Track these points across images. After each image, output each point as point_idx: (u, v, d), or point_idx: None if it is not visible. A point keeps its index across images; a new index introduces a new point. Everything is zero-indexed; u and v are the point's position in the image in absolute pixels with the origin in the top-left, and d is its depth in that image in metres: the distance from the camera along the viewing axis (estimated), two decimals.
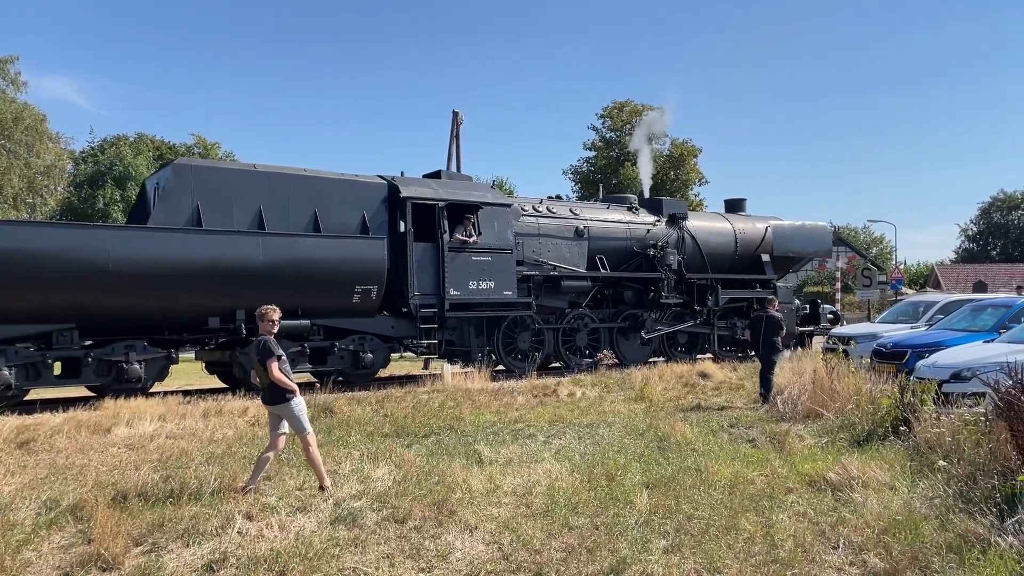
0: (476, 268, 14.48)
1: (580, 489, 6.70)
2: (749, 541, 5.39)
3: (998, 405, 6.45)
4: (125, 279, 11.19)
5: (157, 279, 11.44)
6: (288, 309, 12.04)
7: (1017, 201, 71.14)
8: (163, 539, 5.53)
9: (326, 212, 13.25)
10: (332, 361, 13.19)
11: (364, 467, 7.45)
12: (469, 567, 5.12)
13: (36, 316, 10.83)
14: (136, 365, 11.58)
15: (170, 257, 11.58)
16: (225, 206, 12.46)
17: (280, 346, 12.82)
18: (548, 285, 15.89)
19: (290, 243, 12.62)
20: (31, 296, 10.68)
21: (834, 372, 10.68)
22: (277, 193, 12.95)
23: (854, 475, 6.74)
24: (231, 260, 12.05)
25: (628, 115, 45.04)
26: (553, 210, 16.49)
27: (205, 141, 44.25)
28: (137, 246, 11.45)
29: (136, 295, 11.35)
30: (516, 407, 11.60)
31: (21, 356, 10.79)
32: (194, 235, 11.92)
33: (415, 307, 13.90)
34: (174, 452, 8.29)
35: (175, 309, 11.88)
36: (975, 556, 4.83)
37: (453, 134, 26.79)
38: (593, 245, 16.69)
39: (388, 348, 14.08)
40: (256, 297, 11.74)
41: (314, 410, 10.47)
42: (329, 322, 13.18)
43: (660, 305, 17.32)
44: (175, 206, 12.10)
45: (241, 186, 12.71)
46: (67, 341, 11.14)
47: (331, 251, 12.95)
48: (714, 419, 10.50)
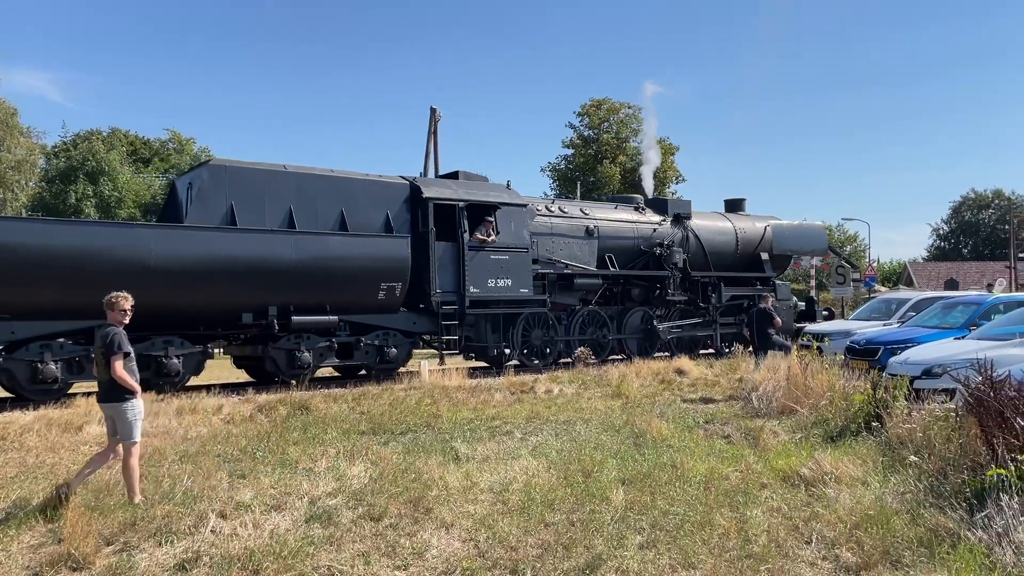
0: (494, 266, 15.02)
1: (556, 486, 6.72)
2: (723, 536, 5.43)
3: (968, 401, 6.55)
4: (165, 276, 11.60)
5: (195, 276, 11.86)
6: (317, 305, 13.09)
7: (987, 200, 72.23)
8: (135, 538, 5.47)
9: (352, 211, 13.68)
10: (358, 356, 13.70)
11: (340, 465, 7.41)
12: (445, 564, 5.12)
13: (80, 312, 11.01)
14: (175, 360, 11.96)
15: (208, 255, 12.02)
16: (257, 206, 12.89)
17: (309, 341, 13.01)
18: (561, 283, 16.38)
19: (320, 242, 13.08)
20: (76, 293, 10.86)
21: (808, 369, 10.79)
22: (306, 193, 13.38)
23: (827, 470, 6.81)
24: (265, 258, 12.49)
25: (606, 113, 45.18)
26: (565, 210, 17.07)
27: (180, 136, 43.84)
28: (177, 244, 11.87)
29: (175, 292, 11.72)
30: (493, 404, 11.60)
31: (66, 351, 11.18)
32: (231, 234, 12.37)
33: (437, 304, 14.36)
34: (147, 450, 8.18)
35: (211, 305, 12.26)
36: (945, 550, 4.90)
37: (431, 131, 26.73)
38: (603, 244, 17.21)
39: (410, 343, 14.54)
40: (288, 294, 12.72)
41: (290, 407, 10.42)
42: (355, 318, 13.60)
43: (666, 302, 17.91)
44: (210, 206, 12.52)
45: (272, 186, 13.13)
46: None
47: (358, 249, 13.41)
48: (690, 415, 10.57)
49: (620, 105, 45.26)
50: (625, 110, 45.23)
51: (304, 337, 13.11)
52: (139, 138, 44.91)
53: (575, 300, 16.68)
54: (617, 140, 44.49)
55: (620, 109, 45.23)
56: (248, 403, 10.80)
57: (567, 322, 16.44)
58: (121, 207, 31.96)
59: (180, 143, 43.23)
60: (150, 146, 44.58)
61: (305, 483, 6.75)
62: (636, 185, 43.08)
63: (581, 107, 46.02)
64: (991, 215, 71.70)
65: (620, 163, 43.30)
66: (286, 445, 8.27)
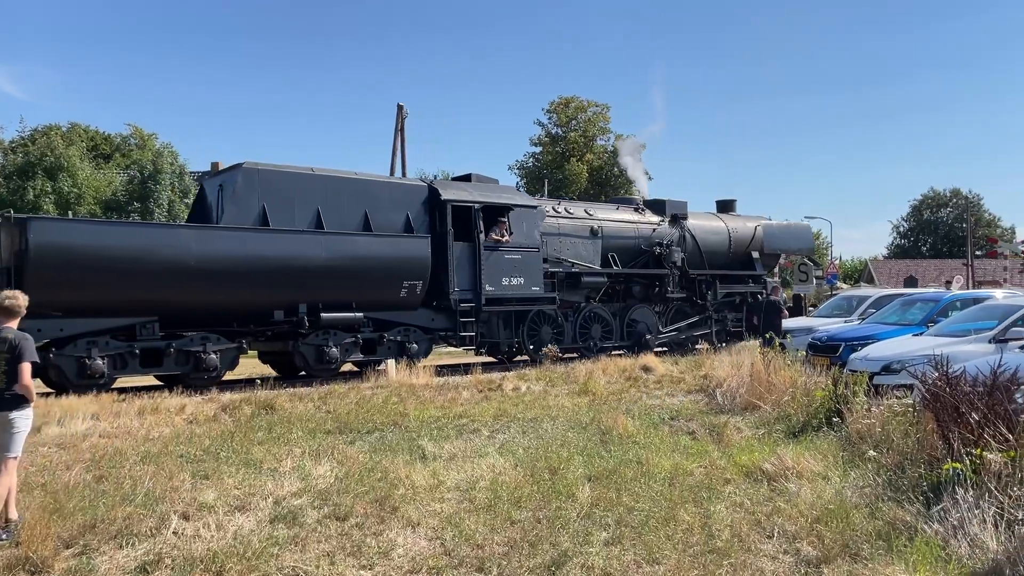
0: (508, 265, 15.66)
1: (523, 483, 6.74)
2: (687, 532, 5.49)
3: (925, 396, 6.68)
4: (204, 275, 12.09)
5: (232, 275, 12.37)
6: (343, 303, 13.67)
7: (945, 199, 73.75)
8: (95, 541, 5.38)
9: (375, 212, 14.24)
10: (381, 351, 14.23)
11: (305, 464, 7.35)
12: (411, 563, 5.11)
13: (125, 310, 11.71)
14: (213, 355, 12.46)
15: (244, 255, 12.53)
16: (287, 207, 13.41)
17: (336, 337, 13.52)
18: (570, 281, 16.99)
19: (348, 241, 13.66)
20: (121, 292, 11.53)
21: (771, 365, 10.94)
22: (332, 195, 13.92)
23: (789, 466, 6.91)
24: (297, 257, 13.04)
25: (573, 111, 45.30)
26: (571, 211, 17.81)
27: (142, 132, 42.98)
28: (216, 245, 12.40)
29: (213, 290, 12.25)
30: (461, 402, 11.58)
31: (112, 347, 11.69)
32: (265, 234, 12.94)
33: (455, 302, 14.93)
34: (108, 451, 8.05)
35: (246, 303, 12.78)
36: (902, 543, 5.00)
37: (398, 128, 26.61)
38: (606, 243, 17.93)
39: (429, 339, 15.10)
40: (317, 291, 13.30)
41: (255, 407, 10.32)
42: (378, 315, 14.19)
43: (666, 299, 18.74)
44: (244, 207, 13.02)
45: (301, 188, 13.67)
46: (149, 333, 12.02)
47: (383, 249, 14.02)
48: (655, 412, 10.65)
49: (588, 103, 45.45)
50: (593, 108, 45.42)
51: (331, 333, 13.63)
52: (99, 133, 43.99)
53: (581, 297, 17.39)
54: (585, 138, 44.65)
55: (588, 107, 45.41)
56: (212, 403, 10.67)
57: (573, 318, 17.12)
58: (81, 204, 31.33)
59: (142, 138, 42.38)
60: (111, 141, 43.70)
61: (270, 483, 6.69)
62: (603, 183, 43.34)
63: (550, 104, 46.12)
64: (949, 213, 73.23)
65: (587, 161, 43.48)
66: (250, 445, 8.18)
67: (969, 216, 55.31)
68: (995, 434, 5.68)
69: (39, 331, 11.05)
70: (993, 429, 5.73)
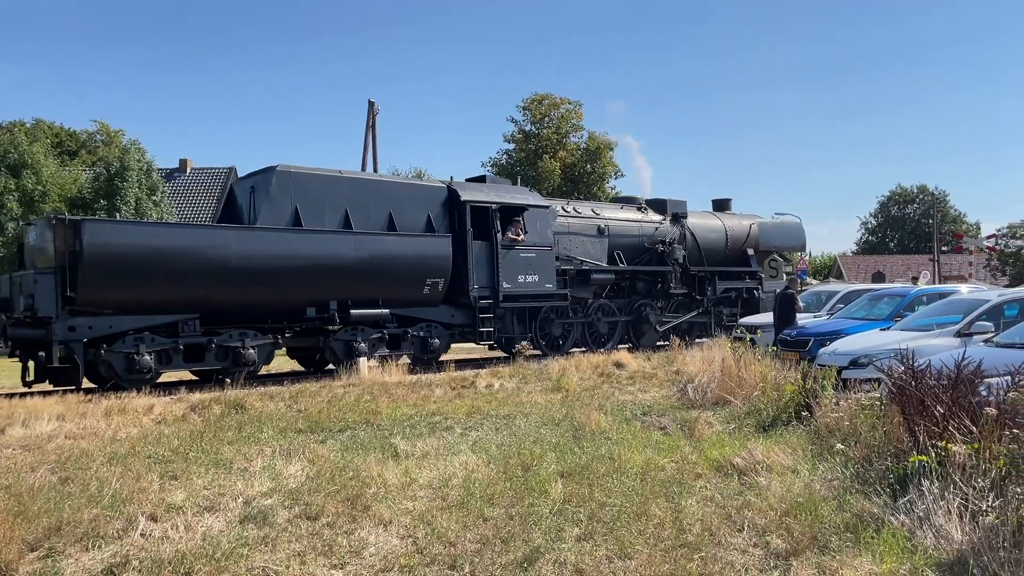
0: (524, 263, 16.38)
1: (496, 480, 6.73)
2: (659, 526, 5.52)
3: (891, 390, 6.77)
4: (244, 273, 12.68)
5: (270, 273, 12.96)
6: (371, 300, 14.25)
7: (912, 196, 74.86)
8: (60, 543, 5.29)
9: (399, 213, 14.85)
10: (404, 346, 14.95)
11: (276, 464, 7.29)
12: (383, 562, 5.08)
13: (169, 307, 12.29)
14: (251, 350, 13.01)
15: (281, 254, 13.13)
16: (318, 208, 14.01)
17: (363, 333, 14.14)
18: (580, 278, 17.71)
19: (376, 241, 14.32)
20: (169, 290, 12.12)
21: (742, 360, 11.03)
22: (359, 196, 14.55)
23: (759, 459, 6.98)
24: (329, 256, 13.68)
25: (547, 108, 45.28)
26: (579, 210, 18.61)
27: (108, 128, 42.38)
28: (255, 244, 12.98)
29: (251, 288, 12.85)
30: (434, 400, 11.56)
31: (157, 343, 12.20)
32: (300, 234, 13.53)
33: (475, 298, 15.58)
34: (74, 453, 7.92)
35: (282, 300, 13.36)
36: (870, 535, 5.06)
37: (369, 124, 26.46)
38: (612, 242, 18.74)
39: (449, 335, 15.74)
40: (347, 289, 13.89)
41: (224, 406, 10.21)
42: (402, 311, 14.87)
43: (668, 295, 19.58)
44: (278, 208, 13.59)
45: (330, 190, 14.27)
46: (191, 330, 12.51)
47: (408, 248, 14.69)
48: (628, 408, 10.70)
49: (561, 101, 45.44)
50: (566, 106, 45.44)
51: (359, 329, 14.25)
52: (65, 130, 43.28)
53: (589, 294, 18.01)
54: (558, 135, 44.66)
55: (561, 105, 45.41)
56: (181, 402, 10.55)
57: (582, 314, 17.87)
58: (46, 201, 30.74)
59: (109, 135, 41.74)
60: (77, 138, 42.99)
61: (240, 483, 6.63)
62: (576, 180, 43.41)
63: (523, 101, 46.07)
64: (916, 210, 74.35)
65: (560, 159, 43.50)
66: (220, 445, 8.10)
67: (935, 212, 56.22)
68: (959, 427, 5.76)
69: (90, 328, 11.73)
70: (957, 422, 5.82)
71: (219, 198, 40.27)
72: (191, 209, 39.59)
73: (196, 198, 40.85)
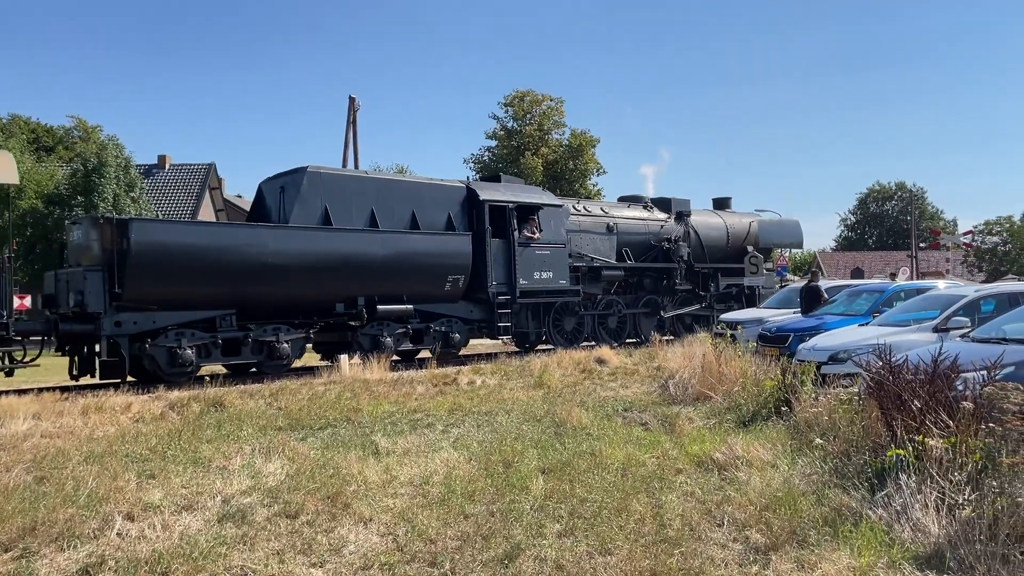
0: (539, 261, 17.09)
1: (477, 477, 6.72)
2: (640, 522, 5.52)
3: (869, 385, 6.81)
4: (279, 270, 13.23)
5: (303, 270, 13.50)
6: (396, 296, 14.89)
7: (890, 192, 75.52)
8: (35, 543, 5.21)
9: (421, 212, 15.51)
10: (427, 340, 15.57)
11: (255, 462, 7.24)
12: (363, 560, 5.05)
13: (209, 303, 12.83)
14: (285, 344, 13.59)
15: (313, 251, 13.68)
16: (346, 208, 14.59)
17: (389, 327, 14.74)
18: (591, 274, 18.55)
19: (402, 239, 14.97)
20: (210, 286, 12.67)
21: (722, 356, 11.08)
22: (384, 196, 15.18)
23: (739, 455, 7.00)
24: (358, 254, 14.28)
25: (529, 105, 45.23)
26: (589, 209, 19.41)
27: (85, 124, 41.82)
28: (290, 242, 13.49)
29: (286, 284, 13.40)
30: (415, 397, 11.53)
31: (197, 338, 12.74)
32: (332, 233, 14.10)
33: (493, 294, 16.24)
34: (49, 452, 7.83)
35: (314, 296, 13.95)
36: (848, 529, 5.09)
37: (350, 120, 26.28)
38: (620, 239, 19.55)
39: (468, 330, 16.34)
40: (374, 285, 14.50)
41: (203, 404, 10.13)
42: (425, 307, 15.49)
43: (673, 291, 20.43)
44: (309, 208, 14.15)
45: (357, 190, 14.88)
46: (228, 325, 13.06)
47: (431, 246, 15.34)
48: (609, 404, 10.72)
49: (543, 97, 45.40)
50: (547, 102, 45.40)
51: (385, 324, 14.85)
52: (41, 125, 42.78)
53: (599, 290, 18.82)
54: (540, 132, 44.63)
55: (543, 101, 45.37)
56: (159, 400, 10.46)
57: (592, 309, 18.62)
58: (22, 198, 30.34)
59: (86, 131, 41.23)
60: (53, 134, 42.50)
61: (218, 482, 6.57)
62: (558, 177, 43.41)
63: (505, 98, 45.99)
64: (894, 206, 75.01)
65: (543, 155, 43.48)
66: (199, 443, 8.04)
67: (913, 209, 56.78)
68: (936, 421, 5.81)
69: (135, 323, 12.21)
70: (934, 416, 5.87)
71: (198, 195, 39.90)
72: (170, 206, 39.18)
73: (175, 195, 40.42)
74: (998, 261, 49.41)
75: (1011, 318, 8.65)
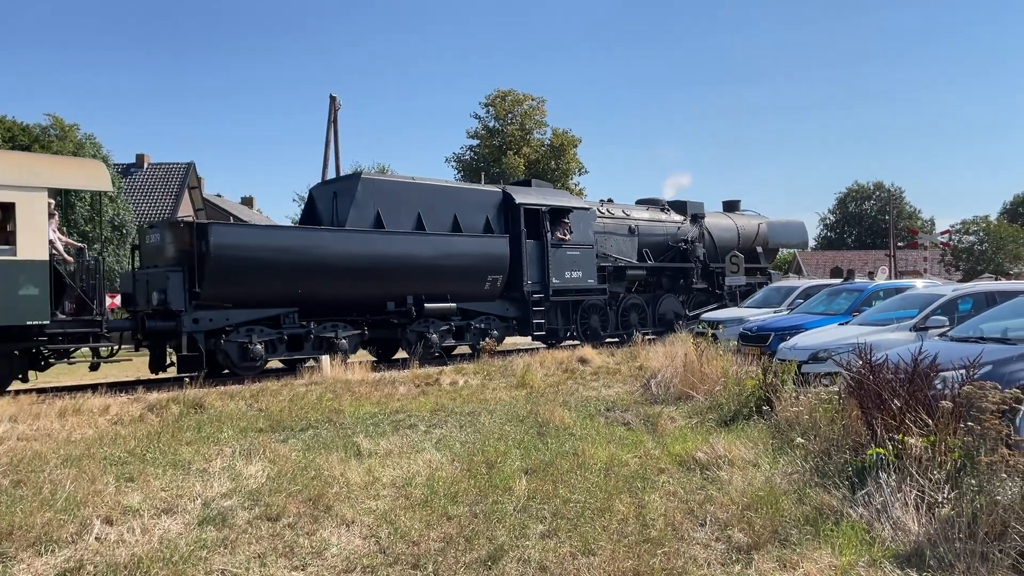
0: (570, 261, 18.07)
1: (460, 478, 6.70)
2: (622, 522, 5.53)
3: (849, 384, 6.86)
4: (339, 271, 14.24)
5: (360, 271, 14.51)
6: (441, 295, 15.90)
7: (869, 192, 76.20)
8: (12, 548, 5.13)
9: (462, 215, 16.45)
10: (468, 337, 16.54)
11: (236, 464, 7.18)
12: (345, 563, 5.02)
13: (275, 301, 13.76)
14: (343, 340, 14.46)
15: (369, 252, 14.69)
16: (396, 212, 15.56)
17: (435, 324, 15.72)
18: (616, 274, 19.61)
19: (446, 241, 15.99)
20: (278, 285, 13.58)
21: (703, 355, 11.12)
22: (429, 200, 16.12)
23: (721, 454, 7.03)
24: (408, 255, 15.30)
25: (510, 104, 45.22)
26: (612, 211, 20.38)
27: (62, 122, 41.28)
28: (348, 244, 14.49)
29: (343, 283, 14.40)
30: (397, 397, 11.48)
31: (265, 334, 13.64)
32: (385, 235, 15.12)
33: (528, 293, 17.22)
34: (26, 455, 7.72)
35: (368, 295, 14.95)
36: (829, 527, 5.12)
37: (331, 119, 26.17)
38: (641, 240, 20.71)
39: (505, 327, 17.27)
40: (422, 285, 15.51)
41: (183, 406, 10.03)
42: (466, 305, 16.43)
43: (690, 289, 21.55)
44: (364, 212, 15.12)
45: (405, 195, 15.85)
46: (291, 322, 13.98)
47: (472, 247, 16.37)
48: (592, 403, 10.73)
49: (524, 97, 45.42)
50: (529, 102, 45.42)
51: (431, 321, 15.78)
52: (17, 123, 42.12)
53: (622, 288, 19.88)
54: (522, 131, 44.64)
55: (524, 101, 45.39)
56: (137, 403, 10.35)
57: (615, 307, 19.65)
58: None
59: (63, 129, 40.74)
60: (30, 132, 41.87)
61: (198, 484, 6.51)
62: (540, 177, 43.43)
63: (486, 97, 45.94)
64: (873, 206, 75.67)
65: (524, 155, 43.49)
66: (178, 445, 7.95)
67: (892, 209, 57.28)
68: (916, 419, 5.85)
69: (210, 320, 13.05)
70: (914, 415, 5.91)
71: (177, 194, 39.54)
72: (149, 205, 38.82)
73: (154, 194, 40.04)
74: (975, 260, 49.99)
75: (988, 317, 8.73)
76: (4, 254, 11.28)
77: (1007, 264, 48.42)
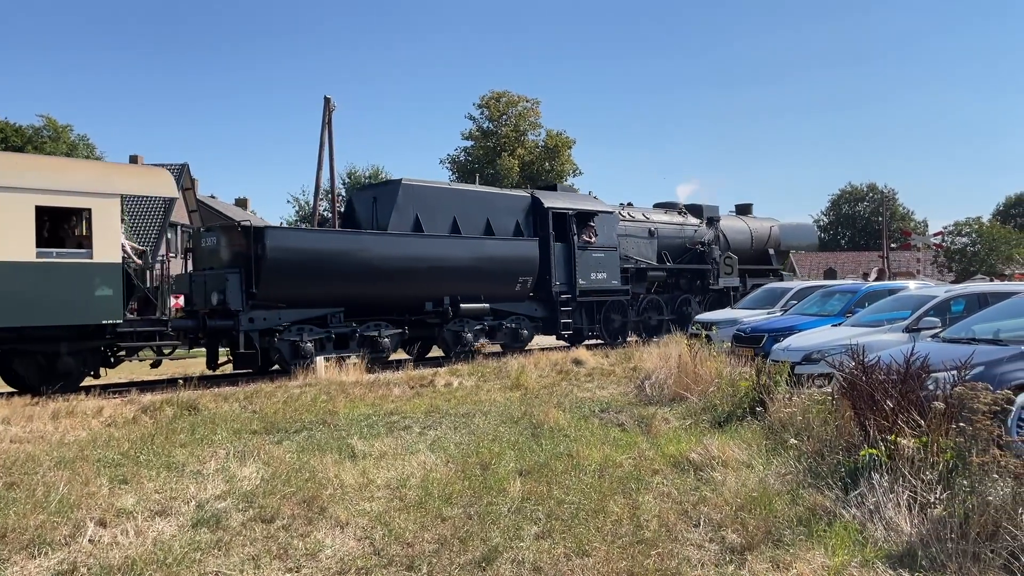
0: (595, 263, 18.69)
1: (454, 479, 6.70)
2: (616, 523, 5.54)
3: (842, 385, 6.88)
4: (382, 272, 14.92)
5: (402, 272, 15.20)
6: (475, 295, 16.48)
7: (862, 194, 76.42)
8: (5, 551, 5.12)
9: (494, 219, 17.11)
10: (499, 336, 17.18)
11: (230, 466, 7.17)
12: (339, 565, 5.02)
13: (323, 302, 14.38)
14: (386, 339, 15.15)
15: (410, 255, 15.39)
16: (433, 216, 16.21)
17: (469, 324, 16.31)
18: (637, 275, 20.20)
19: (480, 244, 16.70)
20: (327, 286, 14.19)
21: (697, 357, 11.14)
22: (464, 205, 16.78)
23: (714, 455, 7.04)
24: (446, 257, 15.99)
25: (504, 106, 45.28)
26: (632, 215, 20.95)
27: (55, 123, 41.27)
28: (391, 247, 15.21)
29: (387, 285, 15.07)
30: (392, 399, 11.48)
31: (315, 333, 14.26)
32: (424, 238, 15.81)
33: (556, 294, 17.83)
34: (19, 457, 7.69)
35: (409, 295, 15.58)
36: (822, 528, 5.14)
37: (325, 121, 26.11)
38: (661, 243, 21.34)
39: (534, 327, 17.90)
40: (458, 286, 16.09)
41: (176, 408, 10.02)
42: (498, 305, 17.09)
43: (706, 290, 22.14)
44: (404, 217, 15.81)
45: (441, 200, 16.52)
46: (337, 321, 14.58)
47: (504, 250, 17.09)
48: (586, 404, 10.74)
49: (519, 98, 45.51)
50: (523, 103, 45.48)
51: (466, 321, 16.37)
52: (9, 124, 42.03)
53: (643, 289, 20.54)
54: (516, 133, 44.69)
55: (519, 102, 45.46)
56: (131, 404, 10.33)
57: (636, 307, 20.27)
58: None
59: (56, 130, 40.66)
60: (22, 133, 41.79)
61: (192, 486, 6.50)
62: (534, 177, 43.50)
63: (481, 99, 45.99)
64: (866, 207, 75.90)
65: (519, 156, 43.54)
66: (172, 447, 7.94)
67: (885, 210, 57.49)
68: (908, 420, 5.88)
69: (264, 319, 13.72)
70: (906, 416, 5.94)
71: None
72: (142, 206, 38.70)
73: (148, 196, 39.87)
74: (967, 261, 50.22)
75: (980, 318, 8.78)
76: (82, 257, 11.91)
77: (1000, 265, 48.66)
